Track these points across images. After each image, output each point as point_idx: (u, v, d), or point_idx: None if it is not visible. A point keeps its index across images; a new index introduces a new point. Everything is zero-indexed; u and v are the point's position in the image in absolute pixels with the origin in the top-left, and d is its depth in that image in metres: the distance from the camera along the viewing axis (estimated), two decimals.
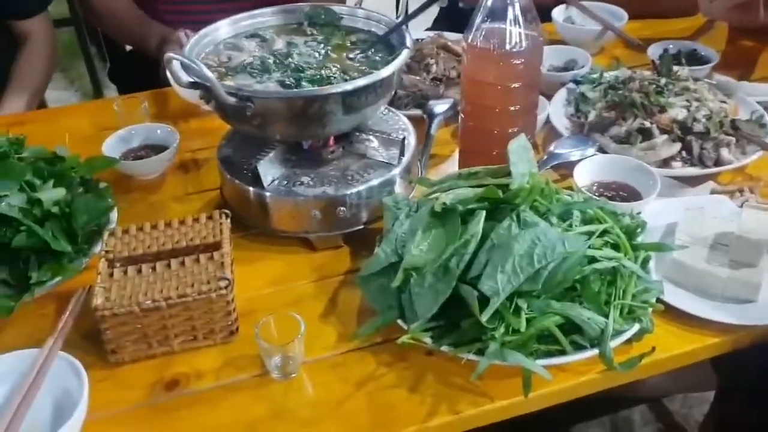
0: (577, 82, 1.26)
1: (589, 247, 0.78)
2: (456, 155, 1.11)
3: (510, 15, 0.93)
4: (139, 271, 0.82)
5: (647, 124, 1.09)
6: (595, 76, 1.25)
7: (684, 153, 1.08)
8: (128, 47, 1.83)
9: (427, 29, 1.75)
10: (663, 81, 1.16)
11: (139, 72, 1.55)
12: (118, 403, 0.77)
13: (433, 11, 1.94)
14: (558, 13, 1.48)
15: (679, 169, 1.07)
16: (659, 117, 1.10)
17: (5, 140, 0.90)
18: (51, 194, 0.86)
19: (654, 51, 1.33)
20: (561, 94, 1.25)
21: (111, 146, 1.09)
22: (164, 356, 0.81)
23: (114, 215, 0.94)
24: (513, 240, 0.76)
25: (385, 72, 0.89)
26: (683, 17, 1.56)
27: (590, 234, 0.80)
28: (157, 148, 1.11)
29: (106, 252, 0.84)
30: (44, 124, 1.30)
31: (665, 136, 1.08)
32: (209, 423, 0.75)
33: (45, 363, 0.73)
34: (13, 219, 0.83)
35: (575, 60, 1.35)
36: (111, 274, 0.82)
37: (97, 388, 0.75)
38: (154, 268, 0.82)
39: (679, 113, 1.10)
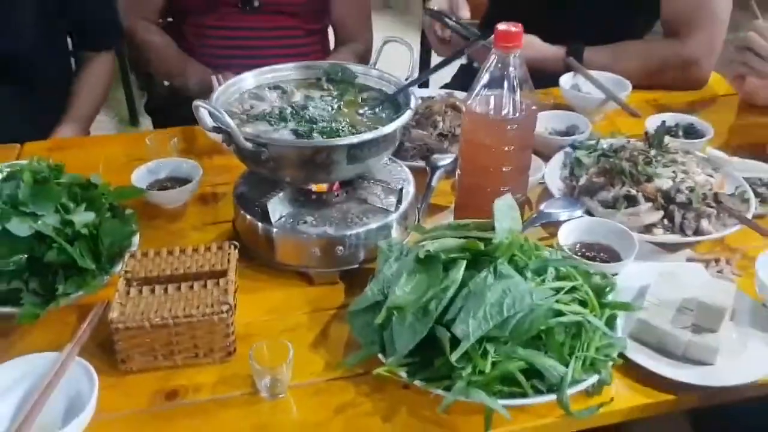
0: (574, 147, 1.34)
1: (556, 301, 0.86)
2: (452, 207, 1.19)
3: (506, 83, 1.03)
4: (153, 291, 0.92)
5: (633, 191, 1.17)
6: (591, 142, 1.33)
7: (666, 221, 1.16)
8: (165, 82, 1.97)
9: (444, 85, 1.87)
10: (653, 152, 1.24)
11: (174, 106, 1.68)
12: (122, 407, 0.86)
13: (454, 67, 2.05)
14: (566, 80, 1.58)
15: (659, 236, 1.14)
16: (645, 185, 1.18)
17: (46, 166, 1.02)
18: (82, 217, 0.96)
19: (651, 122, 1.42)
20: (558, 157, 1.33)
21: (140, 176, 1.20)
22: (168, 369, 0.90)
23: (136, 239, 1.05)
24: (487, 289, 0.84)
25: (387, 129, 0.99)
26: (690, 90, 1.66)
27: (559, 290, 0.88)
28: (182, 181, 1.22)
29: (126, 272, 0.94)
30: (83, 150, 1.42)
31: (649, 204, 1.16)
32: None
33: (62, 366, 0.83)
34: (47, 237, 0.93)
35: (577, 125, 1.44)
36: (128, 292, 0.92)
37: (106, 392, 0.84)
38: (166, 290, 0.92)
39: (665, 183, 1.18)
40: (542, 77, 1.57)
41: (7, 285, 0.93)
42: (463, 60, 2.04)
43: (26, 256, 0.93)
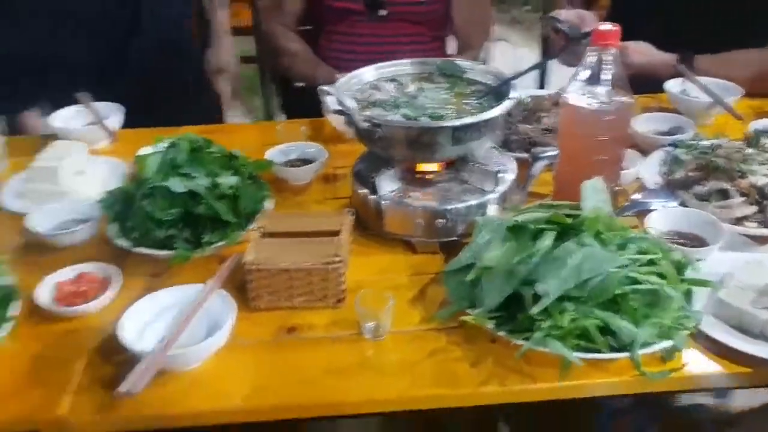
0: (674, 146, 1.40)
1: (633, 271, 0.94)
2: (551, 197, 1.29)
3: (602, 78, 1.12)
4: (280, 242, 1.09)
5: (727, 186, 1.22)
6: (692, 141, 1.39)
7: (758, 215, 1.19)
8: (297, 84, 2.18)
9: None
10: (750, 150, 1.28)
11: (306, 105, 1.87)
12: (251, 336, 1.02)
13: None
14: (674, 84, 1.63)
15: (749, 228, 1.18)
16: (739, 181, 1.22)
17: (201, 139, 1.22)
18: (227, 180, 1.15)
19: (754, 125, 1.44)
20: (657, 154, 1.39)
21: (272, 155, 1.39)
22: (288, 309, 1.06)
23: (268, 203, 1.22)
24: (569, 255, 0.94)
25: (488, 114, 1.11)
26: None
27: (636, 260, 0.96)
28: (308, 162, 1.40)
29: (259, 227, 1.12)
30: (225, 135, 1.63)
31: (742, 198, 1.20)
32: (314, 362, 0.98)
33: (207, 294, 1.01)
34: (199, 195, 1.13)
35: (681, 127, 1.49)
36: (260, 243, 1.09)
37: (239, 323, 1.00)
38: (291, 242, 1.08)
39: (760, 180, 1.22)
40: (651, 82, 1.64)
41: (165, 233, 1.13)
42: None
43: (181, 209, 1.13)
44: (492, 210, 1.17)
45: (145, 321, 0.99)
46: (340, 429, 1.92)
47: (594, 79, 1.14)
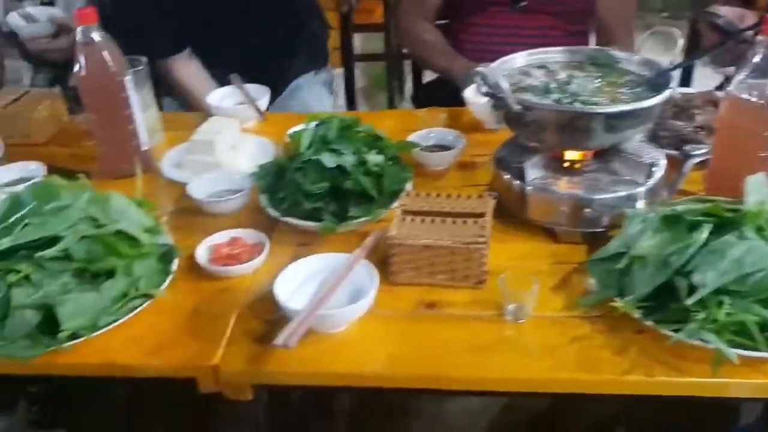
0: None
1: None
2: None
3: None
4: (423, 221, 1.10)
5: None
6: None
7: None
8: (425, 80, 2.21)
9: None
10: None
11: (437, 98, 1.89)
12: (391, 307, 1.05)
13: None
14: None
15: None
16: None
17: (350, 118, 1.26)
18: (373, 158, 1.18)
19: None
20: None
21: (412, 139, 1.41)
22: (428, 286, 1.08)
23: (409, 185, 1.25)
24: (729, 247, 0.90)
25: (646, 103, 1.08)
26: None
27: None
28: (447, 148, 1.41)
29: (402, 205, 1.14)
30: (368, 120, 1.68)
31: None
32: (453, 337, 0.99)
33: (353, 263, 1.04)
34: (346, 170, 1.17)
35: None
36: (403, 219, 1.11)
37: (380, 295, 1.03)
38: (433, 221, 1.10)
39: None
40: None
41: (313, 205, 1.18)
42: None
43: (329, 183, 1.17)
44: (641, 203, 1.14)
45: (296, 283, 1.04)
46: (445, 418, 1.93)
47: (760, 73, 1.09)
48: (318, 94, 2.12)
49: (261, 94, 1.69)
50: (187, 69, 1.94)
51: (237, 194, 1.29)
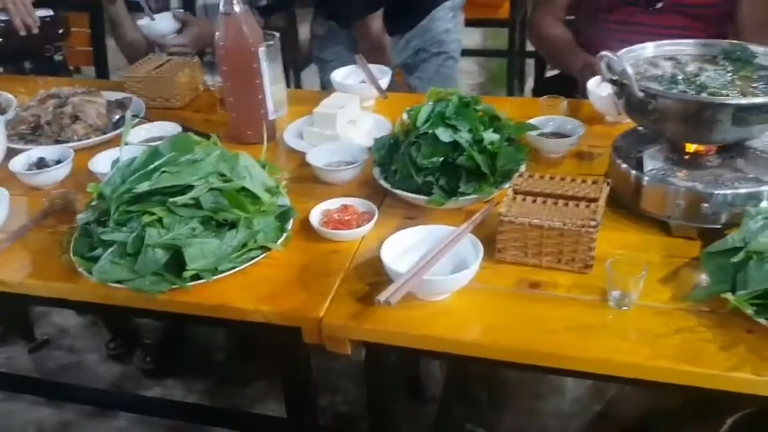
0: None
1: None
2: None
3: None
4: (534, 201, 1.11)
5: None
6: None
7: None
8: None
9: None
10: None
11: (556, 93, 1.87)
12: (494, 283, 1.06)
13: None
14: None
15: None
16: None
17: (470, 96, 1.28)
18: (489, 137, 1.20)
19: None
20: None
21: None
22: (533, 267, 1.08)
23: (523, 167, 1.25)
24: None
25: None
26: None
27: None
28: (564, 136, 1.40)
29: (515, 185, 1.15)
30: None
31: None
32: (554, 316, 0.99)
33: (458, 235, 1.06)
34: (461, 146, 1.19)
35: None
36: (514, 198, 1.12)
37: (483, 270, 1.05)
38: (545, 202, 1.10)
39: None
40: None
41: (423, 179, 1.21)
42: None
43: (442, 158, 1.20)
44: (765, 203, 1.09)
45: (402, 250, 1.08)
46: (537, 417, 1.91)
47: None
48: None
49: (383, 74, 1.74)
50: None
51: (352, 165, 1.34)
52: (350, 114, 1.54)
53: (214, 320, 1.11)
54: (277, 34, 1.64)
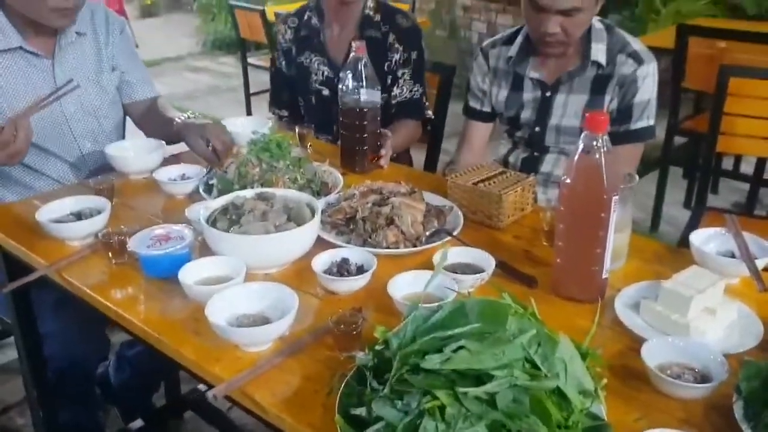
0: None
1: None
2: None
3: None
4: None
5: None
6: None
7: None
8: None
9: None
10: None
11: None
12: None
13: None
14: None
15: None
16: None
17: None
18: None
19: None
20: None
21: None
22: None
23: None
24: None
25: None
26: None
27: None
28: None
29: None
30: None
31: None
32: None
33: None
34: None
35: None
36: None
37: None
38: None
39: None
40: None
41: None
42: None
43: None
44: None
45: None
46: None
47: None
48: None
49: (764, 252, 1.34)
50: None
51: (699, 385, 0.99)
52: (710, 300, 1.18)
53: None
54: (637, 177, 1.34)
